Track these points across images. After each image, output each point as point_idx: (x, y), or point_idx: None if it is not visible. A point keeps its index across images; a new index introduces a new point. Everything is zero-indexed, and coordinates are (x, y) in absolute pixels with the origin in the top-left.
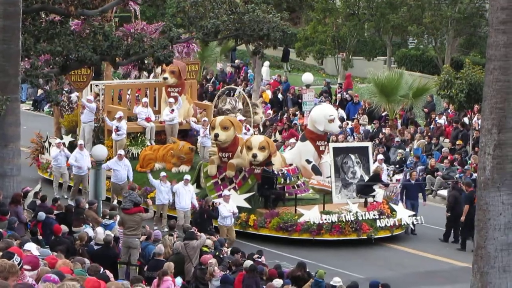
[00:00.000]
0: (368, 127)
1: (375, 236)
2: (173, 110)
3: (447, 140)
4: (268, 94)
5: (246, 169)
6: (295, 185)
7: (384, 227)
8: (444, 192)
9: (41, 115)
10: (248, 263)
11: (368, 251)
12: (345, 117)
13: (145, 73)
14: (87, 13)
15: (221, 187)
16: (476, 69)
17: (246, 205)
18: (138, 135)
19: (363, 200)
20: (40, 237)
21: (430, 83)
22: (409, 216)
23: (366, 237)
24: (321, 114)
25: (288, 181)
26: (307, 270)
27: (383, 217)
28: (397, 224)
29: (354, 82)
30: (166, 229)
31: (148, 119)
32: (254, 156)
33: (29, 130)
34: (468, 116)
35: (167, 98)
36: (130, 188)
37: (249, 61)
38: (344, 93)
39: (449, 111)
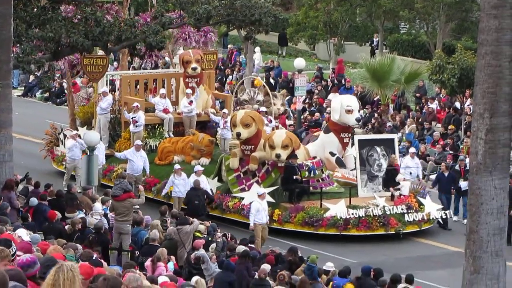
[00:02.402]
0: (361, 112)
1: (404, 231)
2: (191, 101)
3: (439, 125)
4: (260, 79)
5: (269, 162)
6: (320, 179)
7: (412, 222)
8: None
9: (33, 101)
10: (240, 248)
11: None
12: None
13: (137, 59)
14: None
15: (244, 181)
16: (468, 54)
17: (270, 199)
18: (156, 126)
19: (389, 193)
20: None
21: (422, 68)
22: (437, 209)
23: (394, 232)
24: (339, 103)
25: (312, 175)
26: (300, 255)
27: (411, 211)
28: (425, 218)
29: (346, 67)
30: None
31: (166, 111)
32: (278, 156)
33: (21, 116)
34: (460, 100)
35: (185, 88)
36: (120, 176)
37: (241, 46)
38: (334, 78)
39: (441, 95)
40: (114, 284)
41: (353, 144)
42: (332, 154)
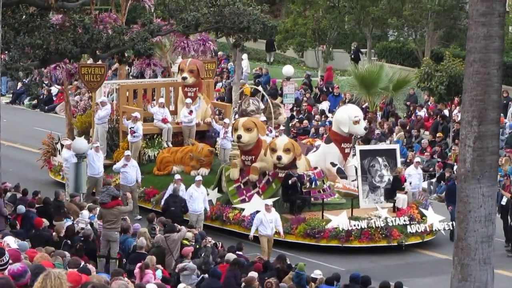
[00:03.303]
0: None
1: (406, 243)
2: (191, 111)
3: (427, 133)
4: (249, 87)
5: (270, 172)
6: (321, 190)
7: (415, 233)
8: (424, 184)
9: (21, 108)
10: (230, 256)
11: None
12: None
13: (126, 67)
14: (67, 6)
15: (244, 192)
16: (456, 61)
17: None
18: (155, 136)
19: (391, 204)
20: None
21: (411, 76)
22: (439, 221)
23: (396, 244)
24: (346, 115)
25: (314, 185)
26: (289, 262)
27: (413, 222)
28: (428, 229)
29: (334, 75)
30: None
31: (164, 120)
32: (279, 158)
33: (9, 123)
34: (448, 108)
35: (184, 98)
36: (106, 183)
37: (230, 53)
38: (323, 86)
39: (429, 103)
40: None
41: (354, 154)
42: (333, 164)
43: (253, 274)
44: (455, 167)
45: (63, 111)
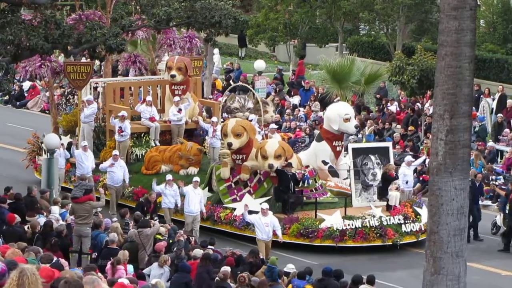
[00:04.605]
0: (320, 114)
1: (401, 242)
2: (180, 109)
3: (399, 126)
4: (221, 82)
5: (261, 171)
6: (313, 188)
7: (409, 232)
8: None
9: None
10: (197, 252)
11: None
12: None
13: (97, 62)
14: (38, 2)
15: (235, 191)
16: (427, 55)
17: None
18: (142, 135)
19: (385, 203)
20: None
21: (382, 70)
22: None
23: (391, 243)
24: (336, 113)
25: (306, 184)
26: (261, 257)
27: (408, 221)
28: (422, 228)
29: (306, 69)
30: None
31: (152, 119)
32: (271, 166)
33: None
34: (420, 102)
35: (171, 96)
36: (80, 178)
37: (201, 48)
38: (294, 80)
39: (399, 97)
40: (75, 287)
41: (346, 152)
42: (324, 163)
43: (226, 268)
44: (427, 161)
45: (35, 107)
